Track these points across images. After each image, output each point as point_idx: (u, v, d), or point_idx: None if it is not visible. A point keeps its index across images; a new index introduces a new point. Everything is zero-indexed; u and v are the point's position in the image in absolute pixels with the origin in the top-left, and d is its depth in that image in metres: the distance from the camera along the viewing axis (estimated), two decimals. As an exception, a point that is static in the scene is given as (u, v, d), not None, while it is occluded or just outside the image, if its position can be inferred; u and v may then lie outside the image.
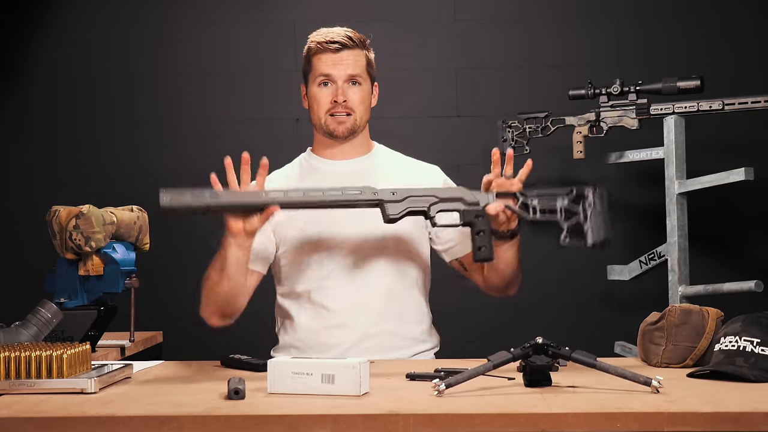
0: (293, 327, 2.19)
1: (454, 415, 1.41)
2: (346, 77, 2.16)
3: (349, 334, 2.14)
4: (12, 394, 1.61)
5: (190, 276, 3.43)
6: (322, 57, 2.17)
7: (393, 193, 1.91)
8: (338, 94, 2.16)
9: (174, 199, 1.83)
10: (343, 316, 2.14)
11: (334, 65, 2.16)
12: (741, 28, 3.42)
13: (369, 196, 1.90)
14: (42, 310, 1.94)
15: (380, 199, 1.90)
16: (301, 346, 2.17)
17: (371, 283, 2.15)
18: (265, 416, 1.42)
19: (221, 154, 3.42)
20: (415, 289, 2.20)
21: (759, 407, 1.42)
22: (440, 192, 1.95)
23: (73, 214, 2.26)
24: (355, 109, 2.18)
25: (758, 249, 3.40)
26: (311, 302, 2.16)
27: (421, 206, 1.92)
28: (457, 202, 1.94)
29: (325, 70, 2.16)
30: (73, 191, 3.31)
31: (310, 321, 2.16)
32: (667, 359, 1.87)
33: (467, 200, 1.94)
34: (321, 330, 2.15)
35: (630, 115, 3.02)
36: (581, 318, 3.36)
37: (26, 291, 2.64)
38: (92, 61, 3.48)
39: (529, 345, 1.63)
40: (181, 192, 1.84)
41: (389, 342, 2.15)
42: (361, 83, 2.18)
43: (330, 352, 2.13)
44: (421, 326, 2.21)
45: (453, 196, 1.94)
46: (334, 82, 2.16)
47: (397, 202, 1.91)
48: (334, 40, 2.16)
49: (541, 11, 3.48)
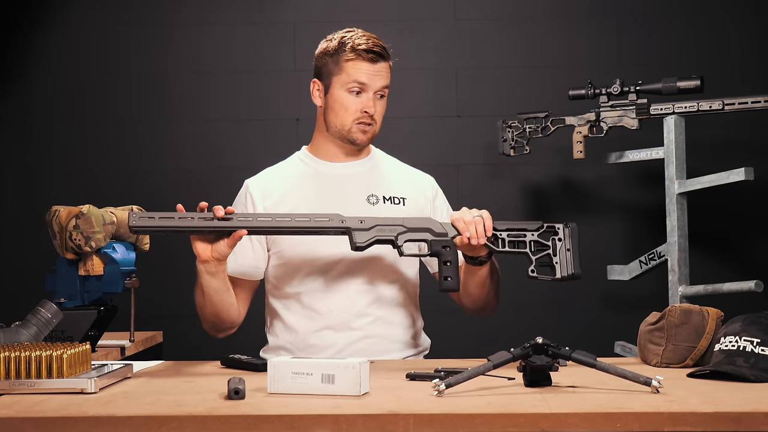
0: (283, 328, 2.18)
1: (454, 415, 1.41)
2: (378, 89, 2.15)
3: (338, 336, 2.13)
4: (12, 394, 1.61)
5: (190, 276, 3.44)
6: (358, 64, 2.12)
7: (361, 221, 1.94)
8: (370, 105, 2.14)
9: (142, 221, 1.85)
10: (332, 319, 2.13)
11: (371, 76, 2.13)
12: (741, 28, 3.42)
13: (336, 223, 1.92)
14: (42, 310, 1.94)
15: (348, 227, 1.93)
16: (290, 348, 2.16)
17: (361, 287, 2.15)
18: (265, 416, 1.42)
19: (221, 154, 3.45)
20: (403, 293, 2.19)
21: (759, 407, 1.42)
22: (408, 222, 1.96)
23: (73, 214, 2.26)
24: (377, 120, 2.17)
25: (758, 249, 3.40)
26: (301, 304, 2.16)
27: (388, 235, 1.95)
28: (425, 233, 1.97)
29: (362, 79, 2.12)
30: (73, 191, 3.32)
31: (299, 323, 2.16)
32: (667, 359, 1.87)
33: (435, 231, 1.97)
34: (310, 332, 2.14)
35: (630, 115, 3.02)
36: (581, 318, 3.36)
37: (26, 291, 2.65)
38: (92, 61, 3.49)
39: (529, 345, 1.63)
40: (151, 215, 1.86)
41: (379, 345, 2.15)
42: (385, 96, 2.18)
43: (320, 354, 2.12)
44: (411, 330, 2.21)
45: (421, 226, 1.97)
46: (367, 92, 2.14)
47: (365, 230, 1.94)
48: (373, 50, 2.13)
49: (542, 11, 3.48)
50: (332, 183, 2.18)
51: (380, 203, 2.17)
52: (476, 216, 1.96)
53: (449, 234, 1.96)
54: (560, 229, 1.95)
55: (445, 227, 1.97)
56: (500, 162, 3.34)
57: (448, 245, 1.96)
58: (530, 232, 1.96)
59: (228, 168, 3.43)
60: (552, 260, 1.94)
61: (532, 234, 1.96)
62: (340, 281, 2.14)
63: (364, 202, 2.16)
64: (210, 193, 3.42)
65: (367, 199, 2.17)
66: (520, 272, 2.00)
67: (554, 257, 1.94)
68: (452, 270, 1.96)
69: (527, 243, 1.95)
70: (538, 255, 1.95)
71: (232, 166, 3.42)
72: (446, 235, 1.96)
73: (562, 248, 1.94)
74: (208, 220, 1.89)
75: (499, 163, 3.37)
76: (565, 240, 1.95)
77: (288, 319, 2.17)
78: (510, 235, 1.96)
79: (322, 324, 2.14)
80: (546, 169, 3.42)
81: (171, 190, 3.43)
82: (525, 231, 1.96)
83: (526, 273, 1.95)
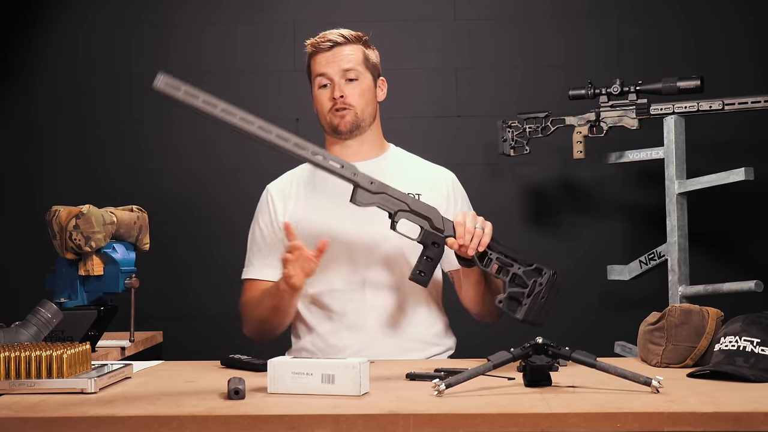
0: (305, 329, 2.22)
1: (454, 415, 1.41)
2: (340, 73, 2.18)
3: (359, 337, 2.15)
4: (12, 394, 1.61)
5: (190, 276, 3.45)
6: (317, 57, 2.21)
7: (371, 182, 1.92)
8: (336, 92, 2.18)
9: (167, 87, 1.75)
10: (352, 320, 2.16)
11: (328, 63, 2.19)
12: (741, 28, 3.42)
13: (347, 174, 1.90)
14: (42, 310, 1.94)
15: (356, 182, 1.91)
16: (312, 349, 2.20)
17: (380, 286, 2.17)
18: (265, 416, 1.42)
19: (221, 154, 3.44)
20: (425, 292, 2.20)
21: (759, 407, 1.42)
22: (414, 204, 1.96)
23: (73, 214, 2.26)
24: (354, 104, 2.19)
25: (758, 249, 3.40)
26: (320, 306, 2.19)
27: (389, 207, 1.94)
28: (423, 220, 1.96)
29: (321, 69, 2.20)
30: (73, 191, 3.32)
31: (320, 324, 2.19)
32: (667, 359, 1.87)
33: (434, 223, 1.96)
34: (331, 333, 2.17)
35: (630, 115, 3.02)
36: (581, 318, 3.36)
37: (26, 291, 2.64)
38: (92, 61, 3.48)
39: (529, 345, 1.63)
40: (178, 83, 1.77)
41: (400, 345, 2.16)
42: (358, 78, 2.19)
43: (341, 354, 2.14)
44: (433, 329, 2.22)
45: (423, 213, 1.96)
46: (331, 80, 2.19)
47: (370, 193, 1.92)
48: (326, 38, 2.20)
49: (541, 11, 3.48)
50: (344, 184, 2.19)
51: None
52: (478, 228, 1.94)
53: (445, 232, 1.96)
54: (545, 275, 1.93)
55: (446, 224, 1.96)
56: (500, 162, 3.34)
57: (438, 242, 1.96)
58: (517, 266, 1.95)
59: (228, 168, 3.43)
60: (523, 300, 1.93)
61: (518, 268, 1.94)
62: (357, 282, 2.16)
63: None
64: (210, 193, 3.45)
65: None
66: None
67: (526, 298, 1.92)
68: (429, 267, 1.96)
69: (510, 273, 1.94)
70: (513, 288, 1.93)
71: (232, 166, 3.42)
72: (442, 232, 1.96)
73: (537, 294, 1.93)
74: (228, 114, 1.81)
75: (499, 163, 3.37)
76: (545, 288, 1.93)
77: (309, 320, 2.20)
78: (499, 260, 1.95)
79: (341, 325, 2.16)
80: (546, 169, 3.42)
81: (171, 190, 3.43)
82: (514, 263, 1.95)
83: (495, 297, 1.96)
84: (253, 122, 1.79)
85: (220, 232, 3.39)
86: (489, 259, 1.96)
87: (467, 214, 1.96)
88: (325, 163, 1.87)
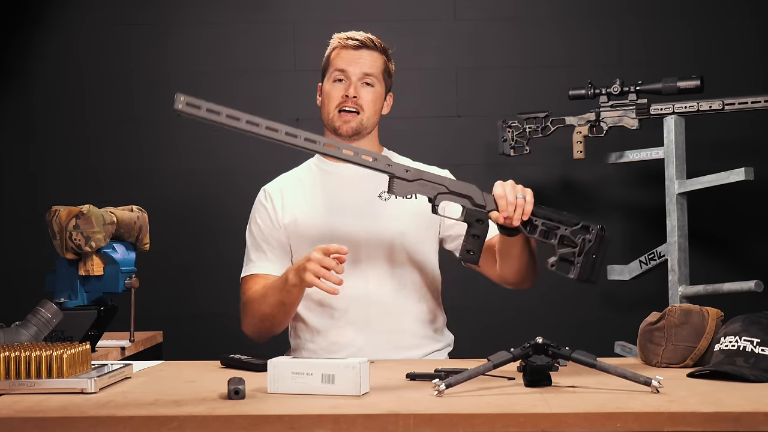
0: (305, 329, 2.22)
1: (454, 415, 1.41)
2: (360, 75, 2.19)
3: (359, 333, 2.15)
4: (12, 394, 1.61)
5: (190, 276, 3.45)
6: (341, 53, 2.22)
7: (407, 170, 1.89)
8: (350, 89, 2.18)
9: (188, 108, 1.73)
10: (353, 316, 2.16)
11: (351, 62, 2.20)
12: (741, 28, 3.42)
13: (381, 166, 1.87)
14: (42, 310, 1.94)
15: (391, 173, 1.88)
16: (313, 347, 2.20)
17: (381, 283, 2.17)
18: (265, 416, 1.42)
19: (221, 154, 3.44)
20: (424, 288, 2.21)
21: (759, 407, 1.42)
22: (451, 184, 1.93)
23: (73, 214, 2.26)
24: (365, 108, 2.20)
25: (758, 249, 3.40)
26: (320, 303, 2.18)
27: (428, 192, 1.91)
28: (464, 199, 1.94)
29: (341, 66, 2.20)
30: (73, 191, 3.32)
31: (320, 321, 2.19)
32: (667, 359, 1.87)
33: (475, 200, 1.94)
34: (331, 330, 2.17)
35: (630, 115, 3.02)
36: (581, 318, 3.36)
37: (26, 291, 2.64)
38: (92, 61, 3.48)
39: (529, 345, 1.63)
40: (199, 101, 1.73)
41: (401, 340, 2.17)
42: (375, 85, 2.21)
43: (342, 351, 2.15)
44: (433, 325, 2.23)
45: (463, 192, 1.93)
46: (349, 79, 2.19)
47: (407, 181, 1.90)
48: (354, 38, 2.21)
49: (542, 11, 3.48)
50: (344, 184, 2.22)
51: (392, 198, 2.20)
52: (519, 197, 1.92)
53: (487, 207, 1.93)
54: (593, 232, 1.91)
55: (486, 199, 1.94)
56: (500, 162, 3.34)
57: (482, 219, 1.93)
58: (564, 227, 1.92)
59: (228, 168, 3.43)
60: (575, 259, 1.91)
61: (565, 229, 1.92)
62: (358, 278, 2.16)
63: (377, 199, 2.21)
64: (210, 193, 3.45)
65: (379, 196, 2.21)
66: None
67: (577, 257, 1.91)
68: (477, 245, 1.93)
69: (557, 236, 1.92)
70: (563, 249, 1.92)
71: (232, 166, 3.42)
72: (484, 207, 1.93)
73: (588, 251, 1.90)
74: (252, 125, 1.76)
75: (499, 163, 3.37)
76: (594, 244, 1.91)
77: (309, 319, 2.20)
78: (544, 224, 1.93)
79: (342, 321, 2.17)
80: (546, 169, 3.42)
81: (171, 190, 3.44)
82: (560, 225, 1.92)
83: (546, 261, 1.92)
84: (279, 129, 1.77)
85: (221, 232, 3.39)
86: (534, 225, 1.94)
87: (506, 185, 1.94)
88: (355, 159, 1.85)
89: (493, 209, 1.93)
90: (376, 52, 2.22)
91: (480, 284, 3.44)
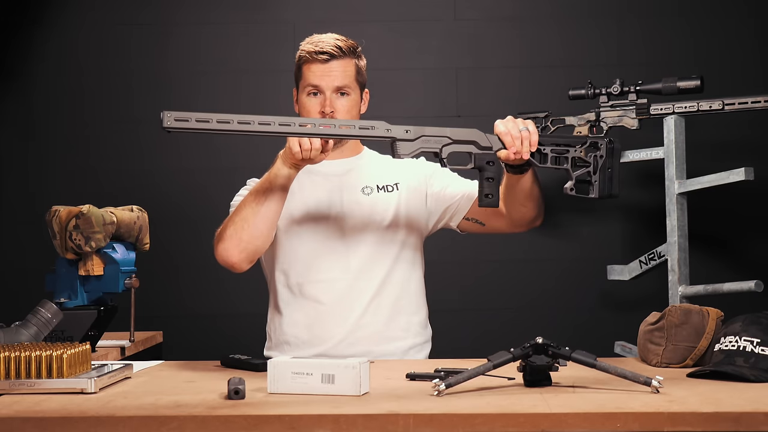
0: (287, 322, 2.19)
1: (454, 415, 1.41)
2: (333, 89, 2.17)
3: (342, 326, 2.15)
4: (12, 394, 1.61)
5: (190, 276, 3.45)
6: (311, 67, 2.18)
7: (407, 131, 1.88)
8: (326, 104, 2.16)
9: (177, 123, 1.73)
10: (336, 309, 2.15)
11: (323, 76, 2.16)
12: (741, 28, 3.42)
13: (381, 132, 1.86)
14: (42, 310, 1.94)
15: (392, 136, 1.87)
16: (294, 342, 2.18)
17: (367, 271, 2.17)
18: (265, 416, 1.42)
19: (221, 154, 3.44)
20: (408, 282, 2.21)
21: (759, 407, 1.42)
22: (453, 133, 1.92)
23: (73, 214, 2.26)
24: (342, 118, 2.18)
25: (758, 249, 3.40)
26: (304, 296, 2.17)
27: (433, 147, 1.90)
28: (469, 145, 1.92)
29: (314, 81, 2.17)
30: (73, 191, 3.31)
31: (302, 315, 2.18)
32: (667, 359, 1.87)
33: (480, 144, 1.93)
34: (314, 324, 2.16)
35: (630, 115, 3.02)
36: (581, 318, 3.36)
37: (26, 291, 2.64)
38: (92, 61, 3.48)
39: (529, 345, 1.63)
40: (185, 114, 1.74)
41: (382, 333, 2.16)
42: (349, 93, 2.19)
43: (323, 345, 2.14)
44: (416, 317, 2.23)
45: (466, 138, 1.92)
46: (323, 93, 2.17)
47: (410, 141, 1.88)
48: (323, 50, 2.16)
49: (541, 11, 3.48)
50: (327, 180, 2.22)
51: (374, 192, 2.20)
52: (522, 129, 1.91)
53: (494, 147, 1.92)
54: (602, 146, 1.89)
55: (491, 140, 1.92)
56: (500, 162, 3.34)
57: (492, 160, 1.92)
58: (573, 148, 1.90)
59: (228, 168, 3.43)
60: (591, 178, 1.89)
61: (575, 149, 1.90)
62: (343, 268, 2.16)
63: (359, 193, 2.20)
64: (210, 193, 3.45)
65: (361, 191, 2.21)
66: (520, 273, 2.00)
67: (594, 175, 1.89)
68: (494, 187, 1.92)
69: (569, 159, 1.91)
70: (578, 171, 1.90)
71: (232, 166, 3.41)
72: (491, 149, 1.92)
73: (602, 166, 1.88)
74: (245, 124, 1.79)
75: (499, 163, 3.37)
76: (607, 158, 1.88)
77: (290, 313, 2.19)
78: (554, 151, 1.92)
79: (326, 315, 2.16)
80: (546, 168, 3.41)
81: (171, 190, 3.44)
82: (569, 147, 1.91)
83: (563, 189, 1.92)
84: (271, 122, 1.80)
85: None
86: (544, 154, 1.93)
87: (506, 122, 1.93)
88: (355, 132, 1.85)
89: (500, 148, 1.92)
90: (345, 58, 2.18)
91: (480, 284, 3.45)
